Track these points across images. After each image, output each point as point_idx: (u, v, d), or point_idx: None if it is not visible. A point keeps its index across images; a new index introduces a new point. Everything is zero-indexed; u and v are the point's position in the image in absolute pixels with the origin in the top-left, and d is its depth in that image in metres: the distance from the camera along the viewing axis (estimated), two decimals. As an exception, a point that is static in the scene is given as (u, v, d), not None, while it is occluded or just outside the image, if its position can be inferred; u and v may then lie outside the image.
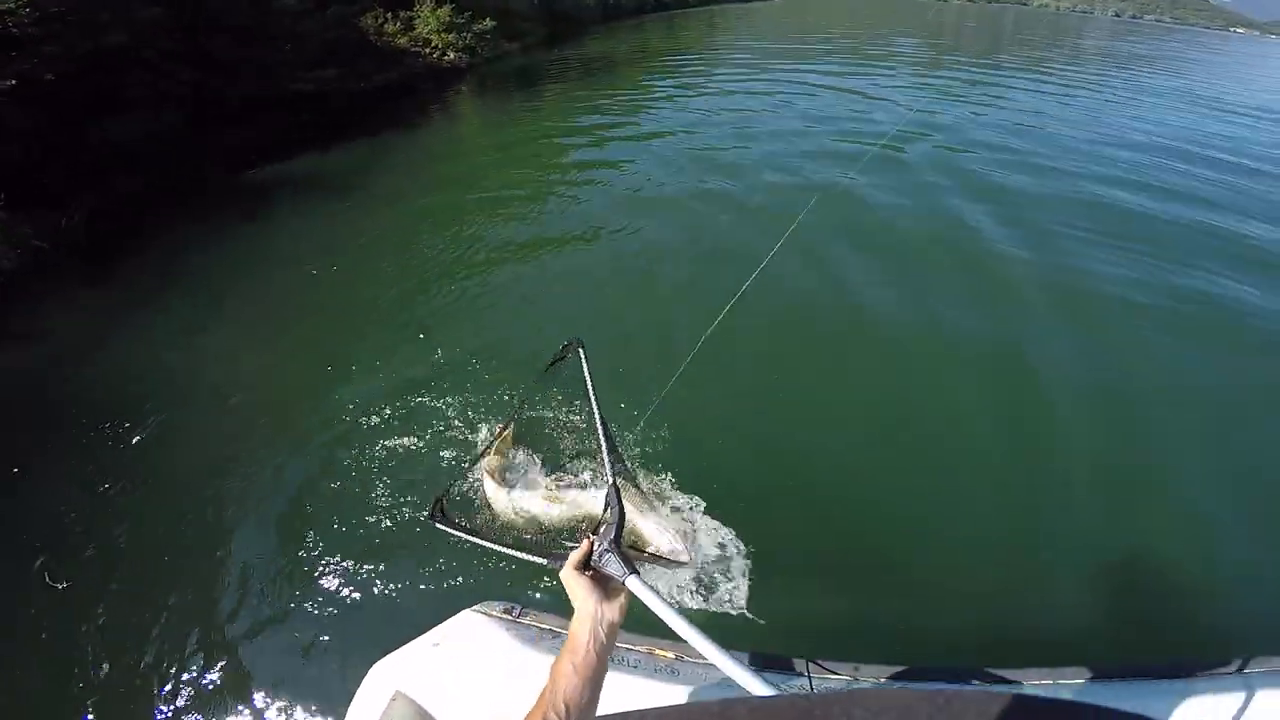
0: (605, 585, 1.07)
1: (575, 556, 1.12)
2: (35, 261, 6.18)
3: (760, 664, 1.44)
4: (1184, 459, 3.62)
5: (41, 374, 4.46)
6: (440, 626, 1.70)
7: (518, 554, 1.64)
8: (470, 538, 2.25)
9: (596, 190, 8.10)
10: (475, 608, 1.76)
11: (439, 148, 10.86)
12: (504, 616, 1.70)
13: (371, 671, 1.58)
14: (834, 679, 1.44)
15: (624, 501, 1.26)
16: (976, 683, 1.42)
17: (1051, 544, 3.07)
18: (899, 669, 1.47)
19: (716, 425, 3.63)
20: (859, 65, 19.08)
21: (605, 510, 1.25)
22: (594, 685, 1.00)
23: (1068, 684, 1.42)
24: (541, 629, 1.65)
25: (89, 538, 3.15)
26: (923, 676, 1.44)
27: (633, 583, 1.05)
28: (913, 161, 8.90)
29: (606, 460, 1.40)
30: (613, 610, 1.06)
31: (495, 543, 1.91)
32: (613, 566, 1.08)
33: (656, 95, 14.27)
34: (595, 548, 1.11)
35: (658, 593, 1.03)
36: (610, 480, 1.32)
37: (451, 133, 12.22)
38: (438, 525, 2.05)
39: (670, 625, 0.97)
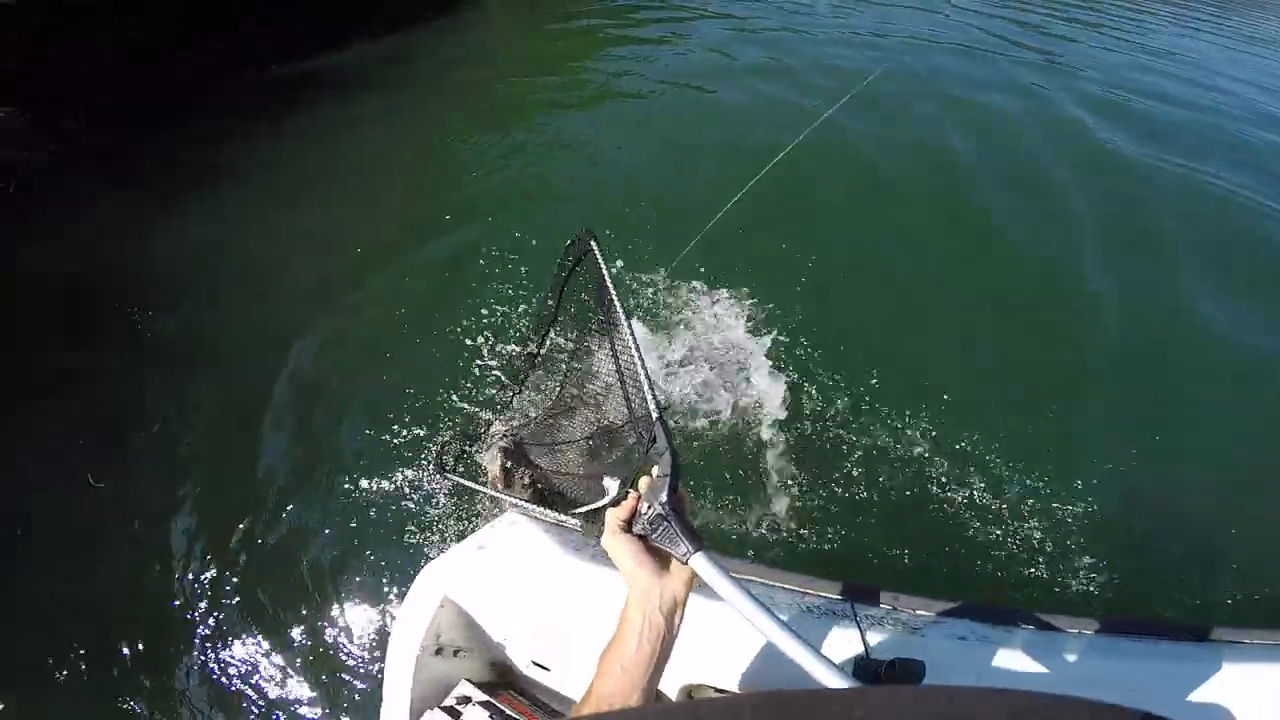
0: (658, 552, 0.83)
1: (617, 516, 0.85)
2: (51, 165, 5.93)
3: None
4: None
5: (71, 269, 4.14)
6: (485, 528, 1.67)
7: (539, 511, 1.42)
8: (483, 489, 1.92)
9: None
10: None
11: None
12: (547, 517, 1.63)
13: (420, 575, 1.57)
14: (874, 611, 1.36)
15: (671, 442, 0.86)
16: (1019, 624, 1.33)
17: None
18: (932, 601, 1.39)
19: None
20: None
21: (643, 449, 0.90)
22: (647, 688, 0.75)
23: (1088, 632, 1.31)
24: (586, 531, 1.58)
25: (126, 434, 3.07)
26: (962, 613, 1.35)
27: (698, 561, 0.76)
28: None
29: (646, 386, 0.95)
30: (675, 585, 0.79)
31: (513, 496, 1.61)
32: (669, 537, 0.79)
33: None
34: (642, 508, 0.83)
35: (728, 572, 0.75)
36: (654, 413, 0.90)
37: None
38: (446, 476, 1.85)
39: (745, 615, 0.72)
